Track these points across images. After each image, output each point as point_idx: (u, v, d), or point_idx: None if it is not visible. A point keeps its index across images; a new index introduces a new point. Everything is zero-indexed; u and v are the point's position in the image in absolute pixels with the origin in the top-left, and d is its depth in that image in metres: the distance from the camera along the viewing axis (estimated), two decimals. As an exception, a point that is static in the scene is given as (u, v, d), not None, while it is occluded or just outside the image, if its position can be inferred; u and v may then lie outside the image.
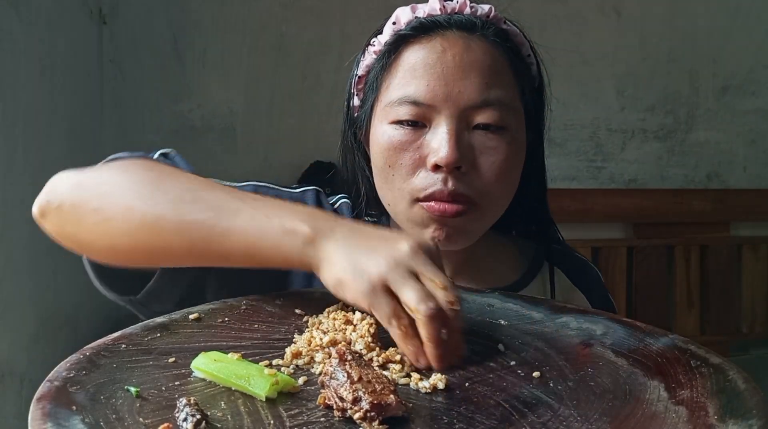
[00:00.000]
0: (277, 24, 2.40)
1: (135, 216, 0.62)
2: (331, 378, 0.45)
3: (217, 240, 0.59)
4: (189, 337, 0.56)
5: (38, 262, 1.79)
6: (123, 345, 0.53)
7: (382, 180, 0.76)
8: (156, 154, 0.75)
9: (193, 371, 0.50)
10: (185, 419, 0.42)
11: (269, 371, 0.48)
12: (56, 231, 0.67)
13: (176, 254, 0.63)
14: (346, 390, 0.44)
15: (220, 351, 0.51)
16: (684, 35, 2.65)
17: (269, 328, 0.59)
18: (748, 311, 2.67)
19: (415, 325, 0.52)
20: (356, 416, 0.43)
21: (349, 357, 0.47)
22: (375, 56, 0.77)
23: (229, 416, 0.44)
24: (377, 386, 0.44)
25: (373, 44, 0.78)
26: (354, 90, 0.81)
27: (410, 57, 0.73)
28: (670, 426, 0.44)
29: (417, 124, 0.72)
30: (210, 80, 2.38)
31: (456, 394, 0.49)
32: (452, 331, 0.52)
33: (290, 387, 0.48)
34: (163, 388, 0.47)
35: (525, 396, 0.48)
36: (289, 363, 0.52)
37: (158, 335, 0.56)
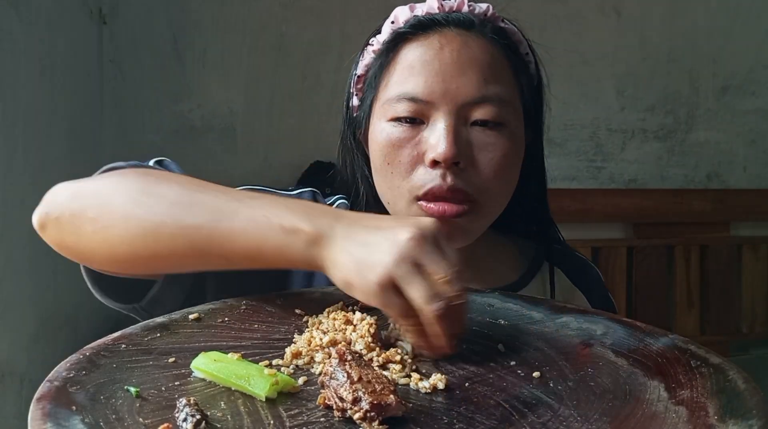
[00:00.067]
0: (277, 24, 2.40)
1: (132, 223, 0.61)
2: (331, 378, 0.45)
3: (219, 244, 0.59)
4: (189, 337, 0.56)
5: (38, 262, 1.79)
6: (123, 345, 0.53)
7: (381, 178, 0.76)
8: (151, 162, 0.75)
9: (193, 371, 0.50)
10: (185, 419, 0.42)
11: (269, 371, 0.48)
12: (56, 242, 0.66)
13: (177, 260, 0.62)
14: (346, 390, 0.44)
15: (220, 351, 0.51)
16: (684, 35, 2.65)
17: (269, 328, 0.59)
18: (748, 311, 2.67)
19: None
20: (356, 416, 0.43)
21: (349, 357, 0.47)
22: (374, 55, 0.78)
23: (229, 416, 0.44)
24: (377, 386, 0.44)
25: (372, 44, 0.78)
26: (353, 90, 0.81)
27: (408, 54, 0.74)
28: (670, 426, 0.44)
29: (415, 121, 0.72)
30: (210, 80, 2.38)
31: (456, 394, 0.49)
32: (462, 323, 0.54)
33: (290, 387, 0.48)
34: (163, 388, 0.47)
35: (525, 396, 0.48)
36: (289, 363, 0.52)
37: (158, 335, 0.56)
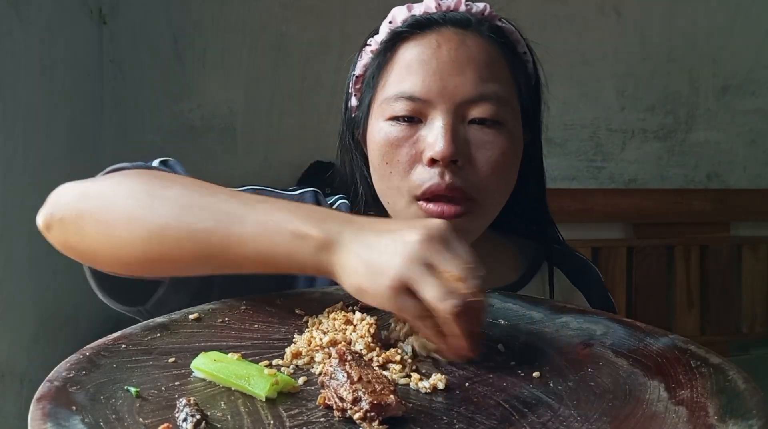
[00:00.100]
0: (277, 24, 2.40)
1: (138, 226, 0.61)
2: (331, 378, 0.45)
3: (226, 248, 0.58)
4: (189, 337, 0.56)
5: (38, 262, 1.79)
6: (123, 345, 0.53)
7: (380, 178, 0.76)
8: (156, 163, 0.74)
9: (193, 371, 0.50)
10: (185, 419, 0.42)
11: (269, 371, 0.48)
12: (61, 243, 0.66)
13: (183, 263, 0.62)
14: (346, 390, 0.44)
15: (220, 351, 0.51)
16: (684, 35, 2.64)
17: (269, 328, 0.59)
18: (748, 311, 2.67)
19: None
20: (356, 416, 0.43)
21: (349, 357, 0.47)
22: (371, 55, 0.78)
23: (229, 416, 0.44)
24: (377, 386, 0.44)
25: (370, 44, 0.78)
26: (351, 90, 0.81)
27: (406, 54, 0.74)
28: (670, 426, 0.44)
29: (413, 120, 0.72)
30: (210, 80, 2.38)
31: (456, 394, 0.49)
32: (481, 321, 0.52)
33: (290, 387, 0.48)
34: (163, 388, 0.47)
35: (525, 396, 0.48)
36: (289, 363, 0.52)
37: (158, 335, 0.56)
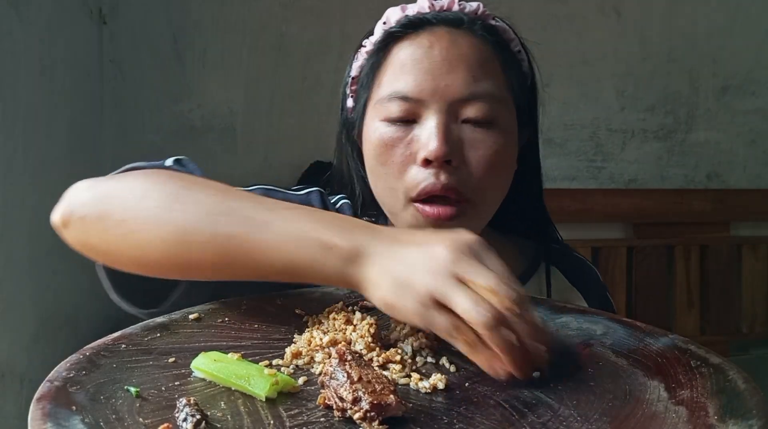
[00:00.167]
0: (277, 24, 2.40)
1: (163, 228, 0.59)
2: (331, 378, 0.45)
3: (251, 255, 0.57)
4: (189, 337, 0.56)
5: (38, 262, 1.79)
6: (123, 345, 0.53)
7: (376, 178, 0.76)
8: (169, 161, 0.73)
9: (193, 371, 0.50)
10: (185, 419, 0.42)
11: (269, 371, 0.48)
12: (79, 242, 0.64)
13: (207, 268, 0.60)
14: (346, 390, 0.44)
15: (220, 351, 0.51)
16: (684, 35, 2.64)
17: (269, 328, 0.59)
18: (748, 311, 2.67)
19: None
20: (356, 416, 0.43)
21: (349, 357, 0.47)
22: (366, 56, 0.78)
23: (229, 416, 0.44)
24: (377, 386, 0.44)
25: (365, 45, 0.79)
26: (348, 91, 0.82)
27: (399, 54, 0.74)
28: (670, 426, 0.44)
29: (407, 121, 0.72)
30: (210, 80, 2.38)
31: (456, 394, 0.49)
32: (522, 335, 0.48)
33: (290, 387, 0.48)
34: (163, 388, 0.47)
35: (525, 396, 0.48)
36: (289, 363, 0.52)
37: (158, 335, 0.56)
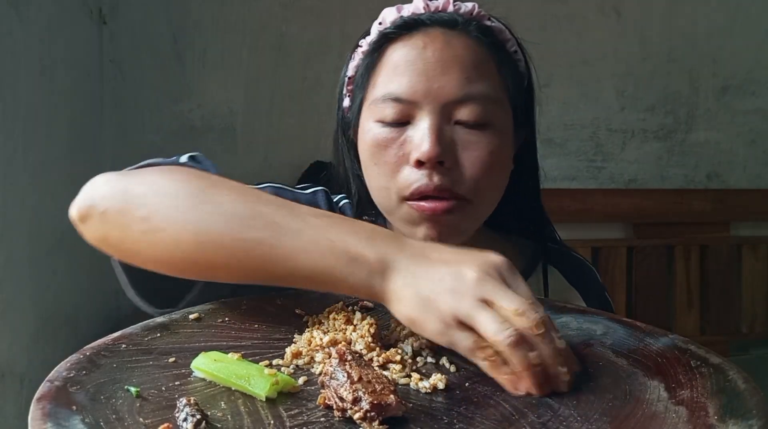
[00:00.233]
0: (277, 24, 2.40)
1: (187, 229, 0.58)
2: (331, 378, 0.45)
3: (277, 262, 0.56)
4: (189, 337, 0.56)
5: (38, 262, 1.79)
6: (123, 345, 0.53)
7: (370, 178, 0.76)
8: (184, 158, 0.72)
9: (193, 371, 0.50)
10: (185, 419, 0.42)
11: (269, 371, 0.48)
12: (98, 237, 0.63)
13: (230, 271, 0.59)
14: (346, 390, 0.44)
15: (220, 351, 0.51)
16: (684, 35, 2.64)
17: (269, 328, 0.59)
18: (748, 311, 2.67)
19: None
20: (356, 416, 0.43)
21: (349, 357, 0.47)
22: (362, 56, 0.78)
23: (229, 416, 0.44)
24: (377, 386, 0.44)
25: (361, 45, 0.79)
26: (344, 91, 0.82)
27: (393, 55, 0.74)
28: (670, 426, 0.44)
29: (401, 122, 0.72)
30: (210, 80, 2.38)
31: (456, 394, 0.49)
32: (545, 356, 0.48)
33: (290, 387, 0.48)
34: (163, 388, 0.47)
35: (525, 396, 0.48)
36: (289, 363, 0.52)
37: (158, 335, 0.56)
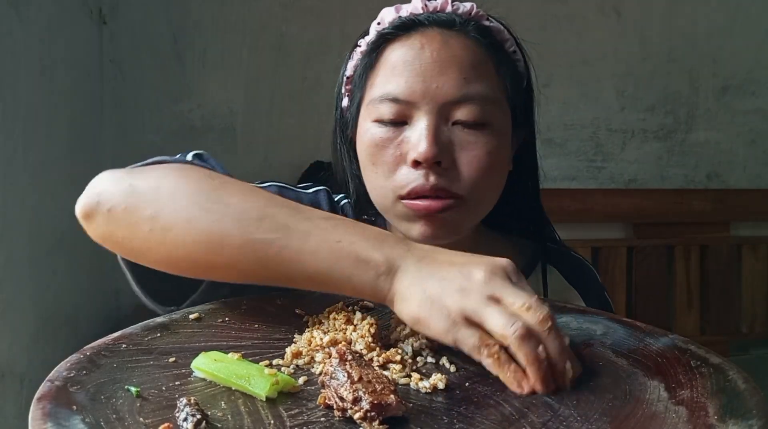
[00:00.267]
0: (277, 24, 2.40)
1: (195, 229, 0.58)
2: (332, 378, 0.45)
3: (285, 263, 0.56)
4: (189, 337, 0.56)
5: (38, 262, 1.79)
6: (123, 345, 0.53)
7: (367, 177, 0.76)
8: (190, 156, 0.72)
9: (194, 371, 0.50)
10: (185, 419, 0.42)
11: (269, 371, 0.48)
12: (103, 235, 0.63)
13: (238, 271, 0.59)
14: (346, 390, 0.44)
15: (220, 351, 0.51)
16: (684, 35, 2.65)
17: (269, 328, 0.59)
18: (748, 311, 2.67)
19: (507, 350, 0.48)
20: (356, 416, 0.43)
21: (350, 357, 0.47)
22: (360, 56, 0.78)
23: (230, 416, 0.44)
24: (377, 386, 0.44)
25: (360, 45, 0.79)
26: (343, 90, 0.82)
27: (391, 55, 0.74)
28: (670, 426, 0.44)
29: (399, 122, 0.73)
30: (210, 80, 2.38)
31: (456, 394, 0.49)
32: (551, 351, 0.48)
33: (290, 387, 0.48)
34: (164, 388, 0.47)
35: (525, 396, 0.48)
36: (289, 363, 0.52)
37: (158, 335, 0.56)
